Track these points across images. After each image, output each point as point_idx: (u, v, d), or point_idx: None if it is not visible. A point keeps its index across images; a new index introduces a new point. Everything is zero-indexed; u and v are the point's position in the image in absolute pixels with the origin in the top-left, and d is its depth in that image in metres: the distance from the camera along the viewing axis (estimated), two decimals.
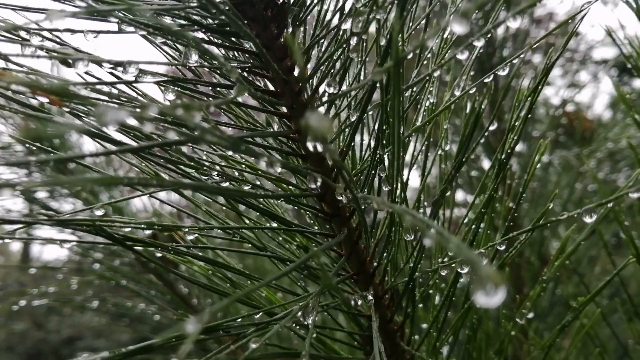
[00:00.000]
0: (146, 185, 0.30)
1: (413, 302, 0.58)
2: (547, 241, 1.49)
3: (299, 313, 0.42)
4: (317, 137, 0.28)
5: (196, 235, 0.53)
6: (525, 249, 1.47)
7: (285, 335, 1.12)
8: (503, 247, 0.48)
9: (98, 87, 0.41)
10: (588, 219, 0.42)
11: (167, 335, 0.39)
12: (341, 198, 0.48)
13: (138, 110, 0.23)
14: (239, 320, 0.45)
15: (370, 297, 0.50)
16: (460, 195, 1.60)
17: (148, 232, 0.45)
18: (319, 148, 0.34)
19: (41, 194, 1.18)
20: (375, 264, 0.59)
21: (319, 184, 0.44)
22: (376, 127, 0.47)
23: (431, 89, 0.55)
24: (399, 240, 0.57)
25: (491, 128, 0.47)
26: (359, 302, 0.49)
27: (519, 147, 1.71)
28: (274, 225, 0.57)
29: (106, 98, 0.41)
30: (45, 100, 0.35)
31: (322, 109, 0.48)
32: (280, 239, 0.61)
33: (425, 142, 0.58)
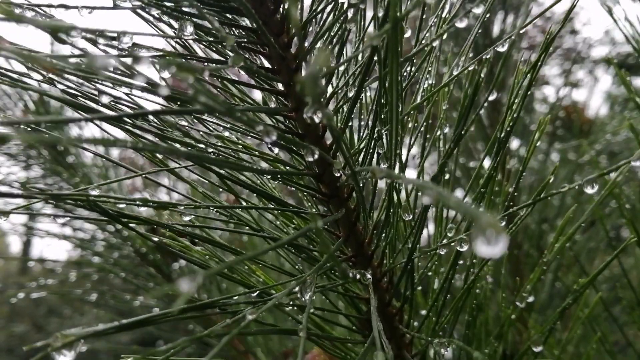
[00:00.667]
0: (139, 149, 0.29)
1: (412, 285, 0.58)
2: (546, 235, 1.49)
3: (297, 289, 0.42)
4: (313, 97, 0.27)
5: (192, 216, 0.53)
6: (524, 242, 1.46)
7: (282, 319, 1.11)
8: (503, 224, 0.48)
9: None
10: (589, 190, 0.41)
11: (164, 311, 0.38)
12: (339, 175, 0.47)
13: (129, 60, 0.22)
14: (236, 298, 0.44)
15: (368, 275, 0.50)
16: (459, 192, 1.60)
17: (142, 209, 0.44)
18: (316, 115, 0.33)
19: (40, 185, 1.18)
20: (373, 246, 0.59)
21: (316, 156, 0.43)
22: (374, 105, 0.47)
23: (430, 68, 0.55)
24: (397, 222, 0.57)
25: (491, 98, 0.47)
26: (357, 277, 0.48)
27: (516, 145, 1.71)
28: (271, 206, 0.57)
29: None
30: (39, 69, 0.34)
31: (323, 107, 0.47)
32: (278, 223, 0.61)
33: (424, 123, 0.58)
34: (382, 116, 0.45)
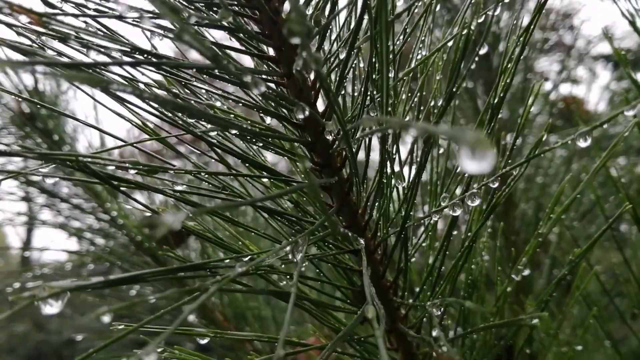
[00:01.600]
0: (125, 92, 0.29)
1: (406, 256, 0.57)
2: (544, 222, 1.48)
3: (288, 248, 0.41)
4: (300, 33, 0.27)
5: (184, 186, 0.52)
6: (522, 230, 1.46)
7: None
8: (496, 185, 0.47)
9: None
10: (582, 143, 0.41)
11: (149, 270, 0.38)
12: (331, 138, 0.47)
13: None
14: (227, 261, 0.44)
15: (361, 241, 0.49)
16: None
17: (133, 171, 0.44)
18: (306, 70, 0.33)
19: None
20: (367, 216, 0.58)
21: (307, 113, 0.43)
22: (367, 67, 0.46)
23: (423, 38, 0.54)
24: (390, 192, 0.56)
25: (481, 52, 0.47)
26: (349, 233, 0.48)
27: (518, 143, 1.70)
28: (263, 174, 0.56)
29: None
30: (25, 19, 0.34)
31: (312, 48, 0.47)
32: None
33: (418, 94, 0.57)
34: (374, 77, 0.45)
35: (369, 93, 0.49)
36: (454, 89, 0.45)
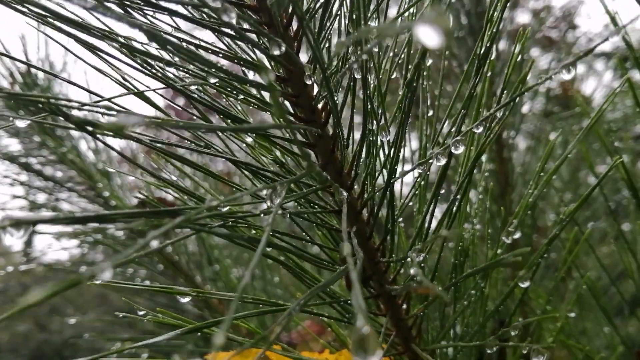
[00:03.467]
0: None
1: (392, 215, 0.56)
2: (534, 182, 1.48)
3: (265, 192, 0.40)
4: None
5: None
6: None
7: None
8: (480, 130, 0.46)
9: None
10: (566, 76, 0.39)
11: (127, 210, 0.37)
12: (310, 82, 0.46)
13: None
14: (205, 212, 0.43)
15: (344, 193, 0.48)
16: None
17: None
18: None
19: None
20: (352, 175, 0.57)
21: (283, 49, 0.42)
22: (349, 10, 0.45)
23: None
24: (376, 149, 0.55)
25: None
26: (329, 178, 0.46)
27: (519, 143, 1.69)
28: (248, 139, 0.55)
29: None
30: None
31: None
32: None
33: (405, 50, 0.56)
34: (358, 28, 0.44)
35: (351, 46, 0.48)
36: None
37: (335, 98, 0.46)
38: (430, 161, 0.47)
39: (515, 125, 1.39)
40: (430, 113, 0.59)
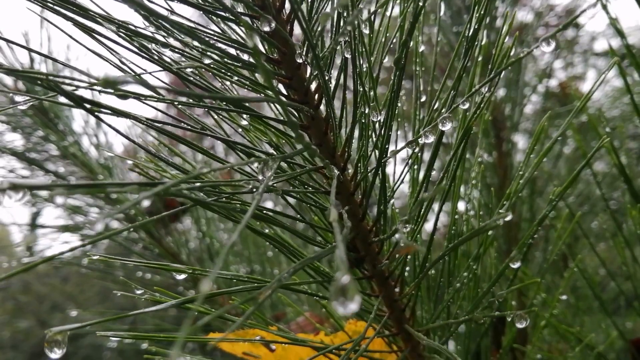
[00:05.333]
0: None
1: (384, 195, 0.57)
2: (524, 162, 1.49)
3: (256, 165, 0.41)
4: None
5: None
6: (517, 208, 1.45)
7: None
8: (466, 106, 0.47)
9: None
10: (546, 48, 0.40)
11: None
12: (301, 61, 0.47)
13: None
14: (198, 184, 0.44)
15: (336, 171, 0.49)
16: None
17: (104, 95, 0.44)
18: None
19: None
20: (345, 157, 0.58)
21: (272, 26, 0.43)
22: None
23: None
24: (368, 131, 0.56)
25: None
26: (318, 152, 0.47)
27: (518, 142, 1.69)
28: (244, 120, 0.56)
29: None
30: None
31: None
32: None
33: (398, 33, 0.57)
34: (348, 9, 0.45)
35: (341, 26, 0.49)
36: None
37: (327, 77, 0.47)
38: (420, 139, 0.48)
39: (514, 119, 1.40)
40: (423, 98, 0.60)
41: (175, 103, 0.48)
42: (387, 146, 0.52)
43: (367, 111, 0.56)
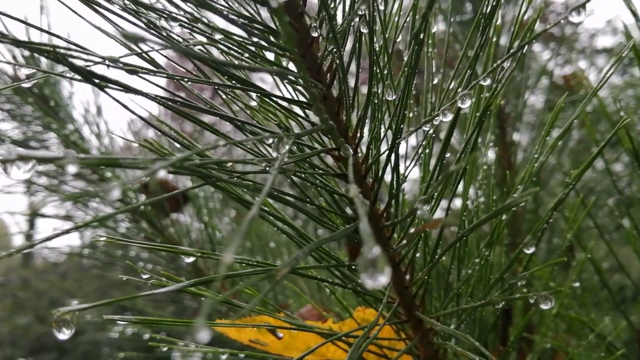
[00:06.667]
0: None
1: (397, 178, 0.56)
2: (539, 144, 1.49)
3: (270, 140, 0.40)
4: None
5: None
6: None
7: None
8: (488, 82, 0.46)
9: None
10: (575, 17, 0.39)
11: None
12: (316, 35, 0.45)
13: None
14: (210, 161, 0.43)
15: (350, 150, 0.48)
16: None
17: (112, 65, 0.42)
18: None
19: None
20: (357, 139, 0.57)
21: None
22: None
23: None
24: (382, 111, 0.55)
25: None
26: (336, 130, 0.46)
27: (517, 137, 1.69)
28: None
29: None
30: None
31: None
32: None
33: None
34: None
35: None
36: None
37: (342, 52, 0.46)
38: (437, 118, 0.47)
39: (518, 110, 1.39)
40: (436, 81, 0.59)
41: (185, 80, 0.46)
42: (401, 126, 0.51)
43: (380, 90, 0.54)
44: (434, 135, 0.53)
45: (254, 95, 0.57)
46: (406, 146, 0.57)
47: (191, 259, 0.53)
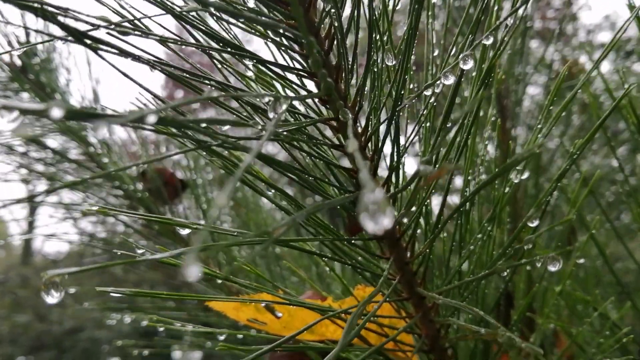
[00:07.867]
0: None
1: (397, 148, 0.55)
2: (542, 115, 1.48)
3: (267, 99, 0.39)
4: None
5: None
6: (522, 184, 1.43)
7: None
8: (490, 41, 0.44)
9: None
10: None
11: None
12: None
13: None
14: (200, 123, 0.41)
15: (349, 115, 0.47)
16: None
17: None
18: None
19: None
20: (357, 109, 0.55)
21: None
22: None
23: None
24: (381, 80, 0.53)
25: None
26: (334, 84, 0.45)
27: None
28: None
29: None
30: None
31: None
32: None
33: None
34: None
35: None
36: None
37: (341, 12, 0.45)
38: (439, 82, 0.46)
39: (518, 94, 1.38)
40: (434, 52, 0.57)
41: (179, 42, 0.45)
42: (402, 92, 0.49)
43: (380, 57, 0.53)
44: (435, 104, 0.51)
45: (250, 65, 0.56)
46: (406, 117, 0.55)
47: (187, 231, 0.52)
